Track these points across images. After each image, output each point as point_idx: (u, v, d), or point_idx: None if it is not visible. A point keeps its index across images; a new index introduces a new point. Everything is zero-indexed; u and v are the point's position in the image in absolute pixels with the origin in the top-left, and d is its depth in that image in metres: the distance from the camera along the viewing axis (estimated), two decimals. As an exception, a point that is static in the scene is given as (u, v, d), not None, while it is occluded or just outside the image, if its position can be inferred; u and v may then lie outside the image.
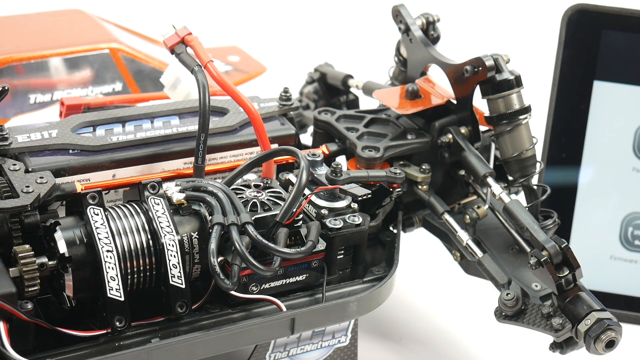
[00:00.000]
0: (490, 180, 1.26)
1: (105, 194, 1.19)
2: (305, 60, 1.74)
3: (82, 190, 1.11)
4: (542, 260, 1.13)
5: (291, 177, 1.26)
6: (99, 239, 1.07)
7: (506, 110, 1.26)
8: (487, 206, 1.30)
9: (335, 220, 1.20)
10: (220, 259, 1.10)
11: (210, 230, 1.10)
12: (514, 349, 1.38)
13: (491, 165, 1.33)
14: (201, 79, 1.18)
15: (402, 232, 1.32)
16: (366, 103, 1.50)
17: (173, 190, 1.14)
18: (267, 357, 1.18)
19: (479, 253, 1.26)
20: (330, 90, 1.53)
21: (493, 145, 1.35)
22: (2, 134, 1.17)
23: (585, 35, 1.46)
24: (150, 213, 1.11)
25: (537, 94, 1.46)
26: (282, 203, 1.15)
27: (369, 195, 1.25)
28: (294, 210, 1.14)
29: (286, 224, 1.14)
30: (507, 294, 1.20)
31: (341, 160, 1.32)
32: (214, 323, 1.13)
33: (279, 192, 1.18)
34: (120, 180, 1.20)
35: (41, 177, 1.12)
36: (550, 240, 1.15)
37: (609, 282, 1.46)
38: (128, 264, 1.09)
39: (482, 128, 1.33)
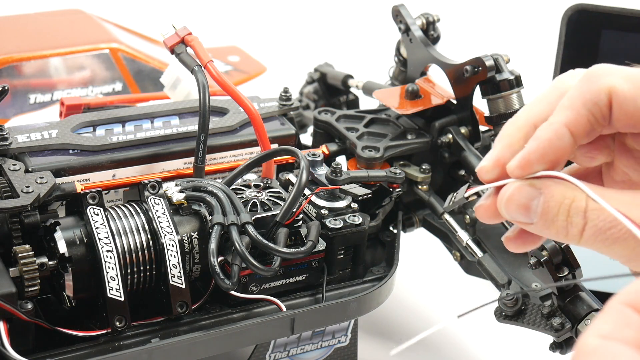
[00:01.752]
0: (490, 180, 1.26)
1: (105, 194, 1.18)
2: (305, 60, 1.74)
3: (82, 190, 1.11)
4: (542, 260, 1.13)
5: (291, 177, 1.26)
6: (99, 239, 1.07)
7: (506, 110, 1.25)
8: (487, 206, 1.30)
9: (335, 220, 1.20)
10: (220, 259, 1.10)
11: (210, 230, 1.10)
12: (514, 349, 1.38)
13: (491, 165, 1.33)
14: (201, 79, 1.18)
15: (402, 232, 1.31)
16: (366, 103, 1.50)
17: (173, 190, 1.14)
18: (267, 357, 1.18)
19: (479, 253, 1.26)
20: (330, 90, 1.53)
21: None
22: (2, 134, 1.17)
23: (585, 35, 1.45)
24: (150, 213, 1.11)
25: (537, 94, 1.45)
26: (282, 203, 1.15)
27: (369, 195, 1.25)
28: (294, 210, 1.14)
29: (286, 224, 1.14)
30: (507, 294, 1.19)
31: (341, 160, 1.32)
32: (214, 323, 1.13)
33: (279, 192, 1.18)
34: (120, 180, 1.20)
35: (41, 177, 1.12)
36: (550, 240, 1.15)
37: (609, 282, 1.46)
38: (128, 264, 1.09)
39: (482, 128, 1.33)
